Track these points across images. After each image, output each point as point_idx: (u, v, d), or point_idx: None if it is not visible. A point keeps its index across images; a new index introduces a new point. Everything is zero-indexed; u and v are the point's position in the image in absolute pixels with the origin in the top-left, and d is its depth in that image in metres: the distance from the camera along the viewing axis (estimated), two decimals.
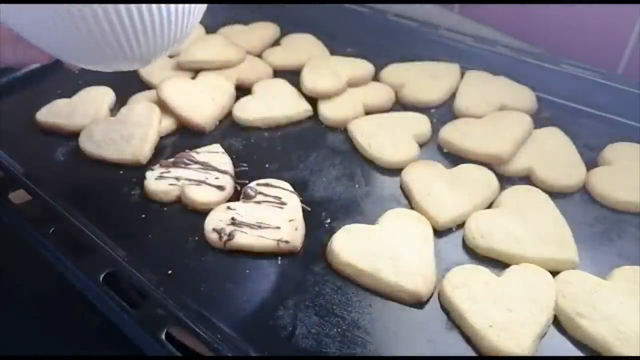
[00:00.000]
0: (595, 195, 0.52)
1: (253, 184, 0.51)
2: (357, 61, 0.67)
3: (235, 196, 0.50)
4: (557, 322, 0.41)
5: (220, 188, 0.50)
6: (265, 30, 0.75)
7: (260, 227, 0.46)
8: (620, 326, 0.39)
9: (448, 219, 0.48)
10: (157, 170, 0.52)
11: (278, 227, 0.46)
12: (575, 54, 0.67)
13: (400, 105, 0.63)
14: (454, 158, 0.56)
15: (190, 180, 0.50)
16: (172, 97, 0.60)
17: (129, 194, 0.51)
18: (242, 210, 0.48)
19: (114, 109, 0.61)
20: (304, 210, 0.49)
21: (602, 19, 0.68)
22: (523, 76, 0.64)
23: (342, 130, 0.60)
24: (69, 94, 0.62)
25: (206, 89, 0.62)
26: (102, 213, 0.48)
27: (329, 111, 0.60)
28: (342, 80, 0.63)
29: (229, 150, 0.55)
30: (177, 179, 0.51)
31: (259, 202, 0.49)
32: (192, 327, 0.39)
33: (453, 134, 0.57)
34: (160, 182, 0.50)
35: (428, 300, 0.42)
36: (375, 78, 0.66)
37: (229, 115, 0.61)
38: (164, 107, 0.59)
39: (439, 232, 0.48)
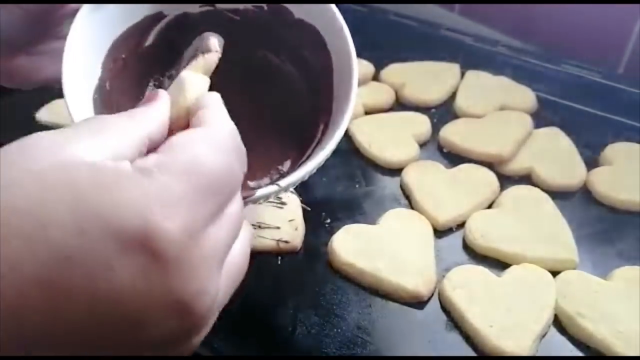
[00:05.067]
0: (595, 195, 0.51)
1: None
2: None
3: None
4: (557, 322, 0.41)
5: None
6: None
7: (260, 227, 0.46)
8: (620, 326, 0.39)
9: (448, 219, 0.48)
10: None
11: (278, 227, 0.46)
12: (575, 54, 0.67)
13: (400, 105, 0.63)
14: (454, 158, 0.55)
15: None
16: None
17: None
18: None
19: None
20: (304, 210, 0.49)
21: (602, 18, 0.68)
22: (523, 76, 0.64)
23: None
24: None
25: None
26: None
27: None
28: None
29: None
30: None
31: (259, 202, 0.49)
32: None
33: (453, 134, 0.57)
34: None
35: (428, 300, 0.42)
36: (375, 78, 0.66)
37: None
38: None
39: (439, 232, 0.47)
